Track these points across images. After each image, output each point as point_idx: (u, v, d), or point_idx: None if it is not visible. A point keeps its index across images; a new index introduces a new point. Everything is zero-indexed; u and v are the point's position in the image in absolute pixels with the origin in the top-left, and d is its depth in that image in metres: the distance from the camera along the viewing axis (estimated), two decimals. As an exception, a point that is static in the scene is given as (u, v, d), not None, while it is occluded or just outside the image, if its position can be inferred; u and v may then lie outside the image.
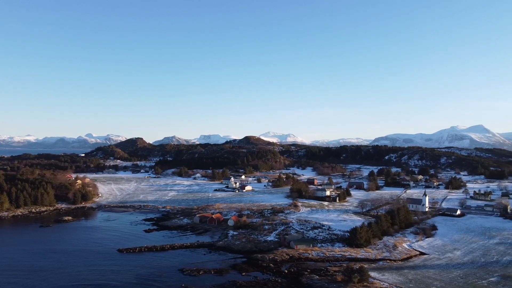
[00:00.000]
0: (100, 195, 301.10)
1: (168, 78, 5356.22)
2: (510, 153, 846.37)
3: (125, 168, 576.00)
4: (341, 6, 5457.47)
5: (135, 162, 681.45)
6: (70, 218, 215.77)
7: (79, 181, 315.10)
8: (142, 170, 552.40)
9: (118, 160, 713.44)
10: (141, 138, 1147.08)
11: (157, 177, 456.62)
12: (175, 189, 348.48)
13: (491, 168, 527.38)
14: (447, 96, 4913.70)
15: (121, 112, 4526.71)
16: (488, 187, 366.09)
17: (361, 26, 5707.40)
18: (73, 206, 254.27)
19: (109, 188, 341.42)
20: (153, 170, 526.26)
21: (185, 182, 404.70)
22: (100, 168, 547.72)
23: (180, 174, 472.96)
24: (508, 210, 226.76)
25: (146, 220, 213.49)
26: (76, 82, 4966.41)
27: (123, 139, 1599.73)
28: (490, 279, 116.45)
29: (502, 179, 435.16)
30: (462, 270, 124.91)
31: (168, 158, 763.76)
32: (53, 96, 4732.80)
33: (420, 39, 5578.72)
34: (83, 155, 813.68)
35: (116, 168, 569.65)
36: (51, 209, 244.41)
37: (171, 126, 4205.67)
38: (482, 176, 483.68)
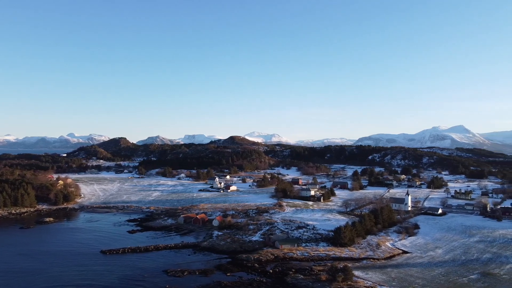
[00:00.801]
0: (82, 195, 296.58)
1: (152, 77, 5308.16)
2: (489, 153, 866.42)
3: (108, 168, 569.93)
4: (323, 6, 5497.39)
5: (118, 162, 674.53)
6: (51, 219, 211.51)
7: (60, 182, 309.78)
8: (125, 170, 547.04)
9: (101, 160, 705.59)
10: (125, 138, 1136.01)
11: (141, 178, 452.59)
12: (159, 189, 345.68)
13: (471, 168, 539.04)
14: (429, 97, 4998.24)
15: (104, 112, 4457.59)
16: (469, 186, 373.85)
17: (344, 26, 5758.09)
18: (55, 207, 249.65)
19: (91, 189, 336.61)
20: (136, 170, 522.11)
21: (169, 182, 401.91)
22: (82, 168, 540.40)
23: (164, 174, 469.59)
24: (488, 208, 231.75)
25: (129, 220, 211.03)
26: (57, 81, 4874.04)
27: (106, 139, 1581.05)
28: (471, 276, 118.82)
29: (482, 179, 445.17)
30: (444, 268, 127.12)
31: (152, 158, 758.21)
32: (34, 95, 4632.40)
33: (402, 41, 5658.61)
34: (65, 155, 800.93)
35: (99, 168, 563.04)
36: (31, 210, 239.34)
37: (155, 125, 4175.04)
38: (463, 176, 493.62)
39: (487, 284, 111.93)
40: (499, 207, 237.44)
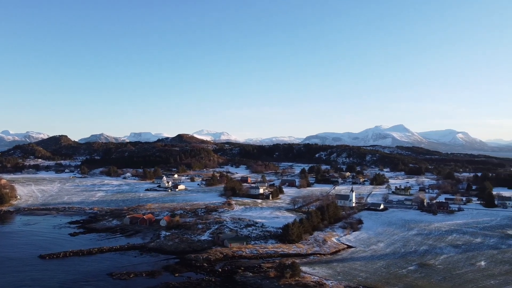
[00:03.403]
0: (18, 197, 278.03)
1: (96, 72, 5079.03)
2: (426, 151, 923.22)
3: (47, 168, 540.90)
4: (278, 7, 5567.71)
5: (58, 162, 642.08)
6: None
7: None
8: (66, 170, 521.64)
9: (40, 160, 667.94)
10: (66, 136, 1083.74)
11: (84, 177, 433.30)
12: (103, 189, 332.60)
13: (410, 165, 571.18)
14: (372, 97, 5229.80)
15: (42, 107, 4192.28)
16: (408, 182, 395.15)
17: (296, 28, 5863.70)
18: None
19: (29, 190, 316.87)
20: (79, 169, 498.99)
21: (114, 182, 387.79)
22: (18, 168, 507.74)
23: (108, 174, 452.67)
24: (425, 203, 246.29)
25: (71, 223, 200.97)
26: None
27: (45, 137, 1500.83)
28: (409, 267, 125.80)
29: (420, 175, 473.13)
30: (385, 261, 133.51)
31: (96, 157, 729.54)
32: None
33: (346, 43, 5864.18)
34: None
35: (37, 168, 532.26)
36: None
37: (98, 123, 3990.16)
38: (403, 172, 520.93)
39: (423, 274, 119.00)
40: (434, 201, 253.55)
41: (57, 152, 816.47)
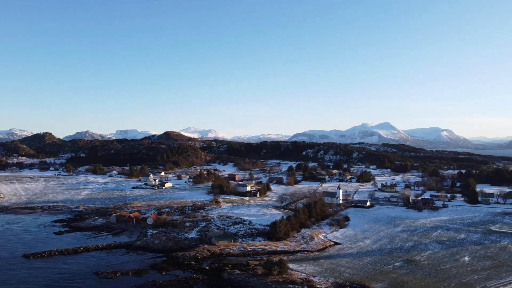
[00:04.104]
0: (1, 195, 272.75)
1: (81, 68, 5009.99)
2: (412, 148, 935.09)
3: (31, 166, 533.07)
4: (265, 4, 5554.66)
5: (43, 159, 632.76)
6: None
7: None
8: (51, 168, 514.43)
9: (23, 157, 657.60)
10: (50, 133, 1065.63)
11: (69, 175, 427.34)
12: (89, 187, 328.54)
13: (396, 162, 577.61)
14: (359, 95, 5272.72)
15: (27, 105, 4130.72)
16: (394, 179, 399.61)
17: (284, 27, 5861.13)
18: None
19: (12, 188, 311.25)
20: (64, 167, 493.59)
21: (100, 180, 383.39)
22: (1, 166, 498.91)
23: (94, 172, 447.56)
24: (410, 200, 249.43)
25: (56, 221, 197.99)
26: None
27: (29, 134, 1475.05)
28: (395, 264, 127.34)
29: (405, 172, 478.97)
30: (371, 257, 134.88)
31: (81, 155, 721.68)
32: None
33: (334, 42, 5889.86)
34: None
35: (21, 166, 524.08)
36: None
37: (84, 120, 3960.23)
38: (389, 170, 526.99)
39: (409, 270, 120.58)
40: (420, 198, 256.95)
41: (42, 149, 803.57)
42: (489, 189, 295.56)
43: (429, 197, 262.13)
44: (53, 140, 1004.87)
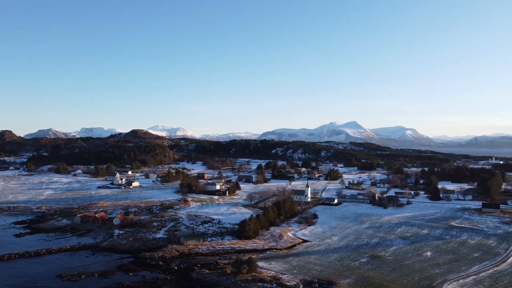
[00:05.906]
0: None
1: (43, 62, 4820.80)
2: (377, 147, 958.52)
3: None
4: (232, 3, 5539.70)
5: (2, 158, 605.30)
6: None
7: None
8: (11, 167, 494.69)
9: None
10: (10, 131, 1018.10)
11: (30, 175, 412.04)
12: (52, 187, 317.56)
13: (363, 161, 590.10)
14: (327, 94, 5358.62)
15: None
16: (360, 177, 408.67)
17: (251, 26, 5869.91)
18: None
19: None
20: (25, 166, 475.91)
21: (64, 179, 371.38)
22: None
23: (58, 171, 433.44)
24: (376, 197, 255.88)
25: (16, 223, 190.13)
26: None
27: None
28: (361, 260, 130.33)
29: (371, 170, 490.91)
30: (339, 254, 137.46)
31: (44, 154, 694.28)
32: None
33: (302, 43, 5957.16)
34: None
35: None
36: None
37: (47, 117, 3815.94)
38: (356, 168, 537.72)
39: (375, 266, 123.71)
40: (385, 196, 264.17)
41: (1, 148, 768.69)
42: (450, 186, 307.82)
43: (394, 194, 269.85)
44: (13, 138, 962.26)
